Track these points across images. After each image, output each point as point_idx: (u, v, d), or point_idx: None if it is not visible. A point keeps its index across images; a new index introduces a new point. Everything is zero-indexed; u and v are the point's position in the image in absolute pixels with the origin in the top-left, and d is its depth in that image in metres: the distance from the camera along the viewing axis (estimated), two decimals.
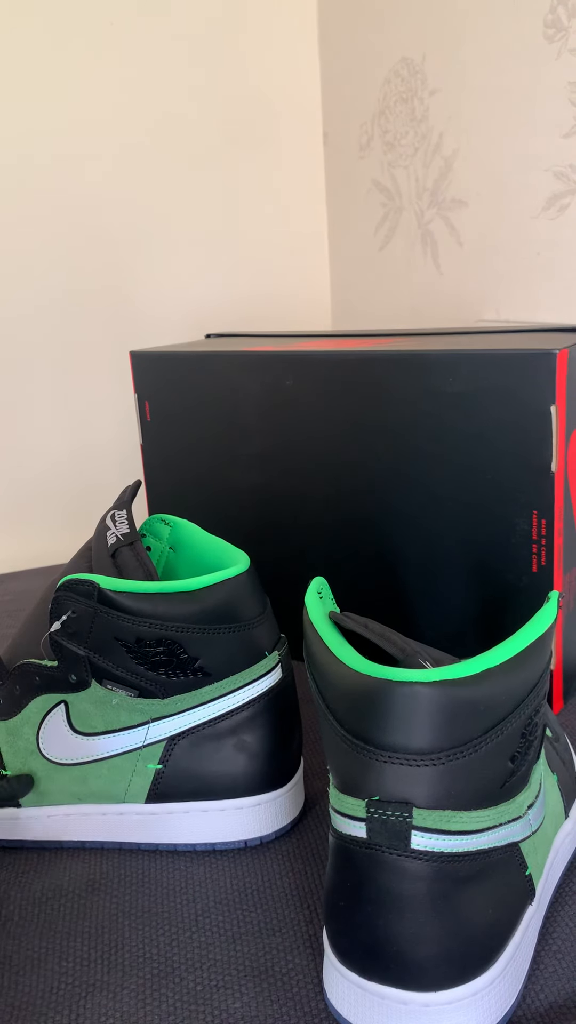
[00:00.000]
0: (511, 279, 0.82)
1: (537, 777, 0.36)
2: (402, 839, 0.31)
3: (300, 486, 0.61)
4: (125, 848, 0.45)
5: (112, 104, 0.95)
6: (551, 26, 0.72)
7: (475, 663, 0.31)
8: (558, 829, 0.40)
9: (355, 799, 0.32)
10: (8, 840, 0.46)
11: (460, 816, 0.31)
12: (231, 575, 0.43)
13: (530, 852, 0.35)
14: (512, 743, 0.32)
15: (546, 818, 0.38)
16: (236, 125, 1.02)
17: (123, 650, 0.42)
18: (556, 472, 0.49)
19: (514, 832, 0.34)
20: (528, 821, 0.35)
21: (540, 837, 0.36)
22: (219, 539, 0.48)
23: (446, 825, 0.31)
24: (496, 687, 0.31)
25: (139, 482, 0.50)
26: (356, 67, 0.99)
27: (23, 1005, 0.36)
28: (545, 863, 0.37)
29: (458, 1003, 0.32)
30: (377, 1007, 0.32)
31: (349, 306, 1.10)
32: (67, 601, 0.42)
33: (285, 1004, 0.35)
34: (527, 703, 0.33)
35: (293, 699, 0.46)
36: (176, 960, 0.38)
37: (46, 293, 0.96)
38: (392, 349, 0.55)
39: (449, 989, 0.32)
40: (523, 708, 0.33)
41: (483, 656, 0.32)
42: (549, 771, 0.39)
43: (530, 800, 0.35)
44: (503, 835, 0.33)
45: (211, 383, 0.64)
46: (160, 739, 0.44)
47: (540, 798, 0.36)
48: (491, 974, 0.32)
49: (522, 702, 0.33)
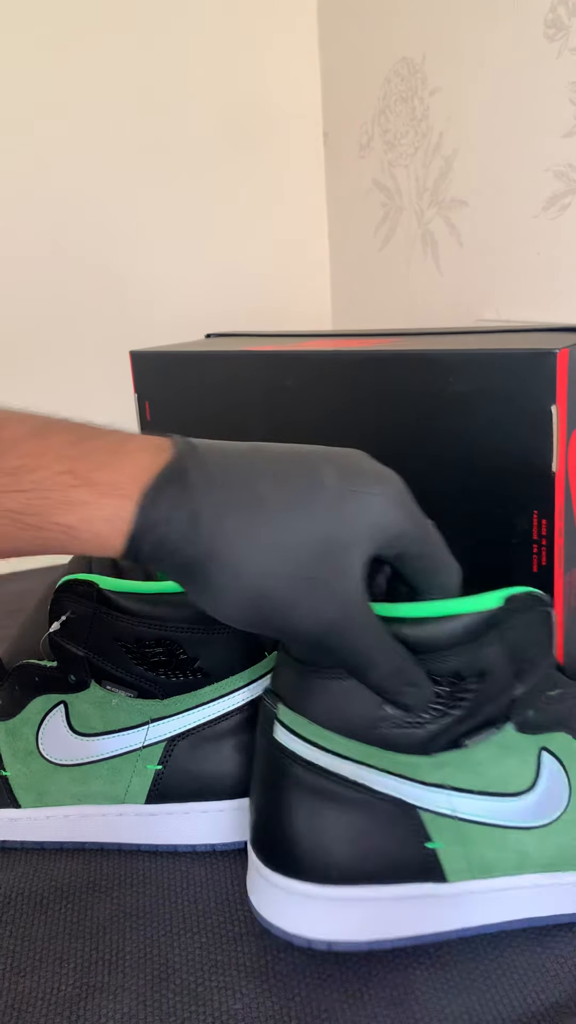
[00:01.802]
0: (511, 279, 0.82)
1: (495, 774, 0.35)
2: (269, 724, 0.36)
3: None
4: (125, 849, 0.45)
5: (111, 103, 0.95)
6: (551, 26, 0.72)
7: (388, 607, 0.34)
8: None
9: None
10: (8, 841, 0.46)
11: (323, 733, 0.35)
12: None
13: (447, 833, 0.35)
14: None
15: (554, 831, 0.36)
16: (236, 125, 1.02)
17: (123, 651, 0.42)
18: (556, 472, 0.49)
19: (404, 791, 0.35)
20: (447, 799, 0.35)
21: (496, 838, 0.36)
22: None
23: (303, 730, 0.35)
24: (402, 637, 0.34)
25: None
26: (356, 67, 0.99)
27: (23, 1006, 0.36)
28: (500, 866, 0.36)
29: (293, 895, 0.36)
30: (255, 882, 0.37)
31: (349, 306, 1.10)
32: (67, 602, 0.42)
33: (285, 1005, 0.35)
34: (433, 660, 0.34)
35: None
36: (177, 961, 0.38)
37: (46, 293, 0.96)
38: (392, 349, 0.55)
39: (290, 878, 0.36)
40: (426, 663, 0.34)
41: (397, 605, 0.34)
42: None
43: (455, 782, 0.35)
44: (381, 782, 0.35)
45: (211, 383, 0.64)
46: (160, 740, 0.44)
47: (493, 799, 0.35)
48: (327, 891, 0.35)
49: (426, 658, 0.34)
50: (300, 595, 0.30)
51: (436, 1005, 0.35)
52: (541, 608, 0.35)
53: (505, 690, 0.35)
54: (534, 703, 0.35)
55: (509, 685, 0.35)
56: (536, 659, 0.35)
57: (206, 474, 0.30)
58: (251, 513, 0.29)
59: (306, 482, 0.30)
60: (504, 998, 0.35)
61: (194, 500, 0.29)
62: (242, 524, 0.29)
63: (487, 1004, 0.34)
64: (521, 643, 0.34)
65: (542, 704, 0.35)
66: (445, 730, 0.35)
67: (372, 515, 0.31)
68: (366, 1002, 0.35)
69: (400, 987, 0.35)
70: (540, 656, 0.35)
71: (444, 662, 0.34)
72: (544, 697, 0.35)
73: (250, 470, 0.30)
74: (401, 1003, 0.35)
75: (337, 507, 0.30)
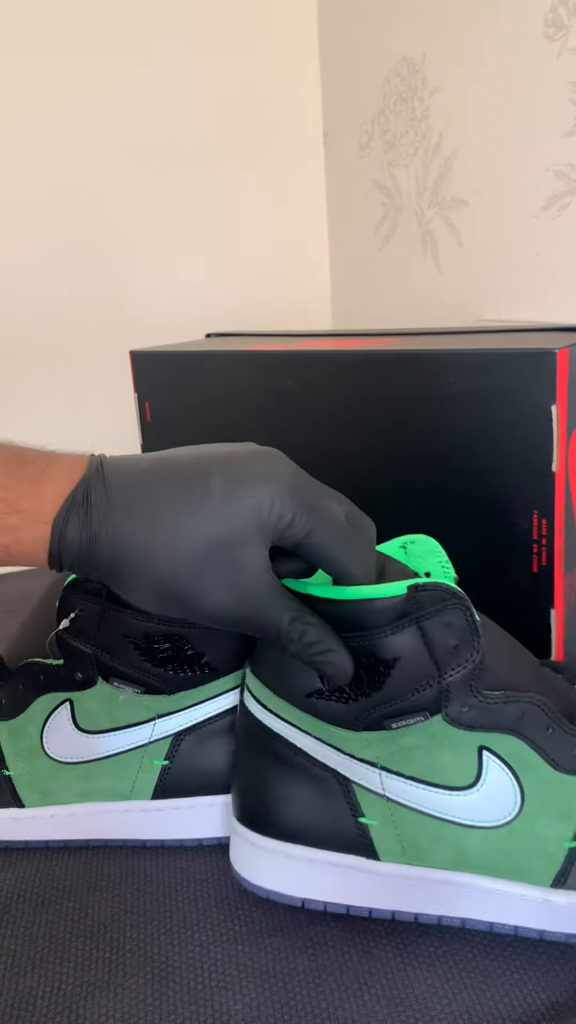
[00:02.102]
0: (511, 279, 0.82)
1: (427, 762, 0.36)
2: (242, 688, 0.41)
3: None
4: (130, 845, 0.45)
5: (112, 103, 0.95)
6: (551, 25, 0.72)
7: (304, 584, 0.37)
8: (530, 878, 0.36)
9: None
10: (12, 841, 0.46)
11: (273, 698, 0.39)
12: None
13: (378, 811, 0.37)
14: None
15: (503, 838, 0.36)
16: (236, 125, 1.02)
17: (131, 647, 0.42)
18: (556, 472, 0.49)
19: (338, 763, 0.37)
20: (379, 778, 0.37)
21: (431, 827, 0.36)
22: None
23: (259, 694, 0.39)
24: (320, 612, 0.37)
25: None
26: (356, 67, 0.99)
27: (24, 1005, 0.36)
28: (434, 857, 0.36)
29: (245, 840, 0.40)
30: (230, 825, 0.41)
31: (349, 306, 1.10)
32: (75, 599, 0.42)
33: (285, 1005, 0.35)
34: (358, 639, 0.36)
35: None
36: (177, 960, 0.38)
37: (46, 293, 0.96)
38: (392, 349, 0.55)
39: (244, 827, 0.40)
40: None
41: (325, 587, 0.37)
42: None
43: (386, 763, 0.36)
44: (319, 751, 0.38)
45: (211, 383, 0.64)
46: (166, 735, 0.44)
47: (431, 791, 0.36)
48: (269, 843, 0.39)
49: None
50: (200, 588, 0.35)
51: (436, 1004, 0.35)
52: (454, 601, 0.35)
53: (426, 679, 0.35)
54: (465, 699, 0.36)
55: (430, 675, 0.35)
56: (457, 652, 0.35)
57: (105, 493, 0.35)
58: (146, 525, 0.35)
59: (195, 493, 0.35)
60: (504, 997, 0.35)
61: (92, 522, 0.35)
62: (139, 534, 0.35)
63: (487, 1003, 0.35)
64: (438, 635, 0.35)
65: (478, 701, 0.36)
66: (367, 709, 0.37)
67: (258, 513, 0.35)
68: (366, 1001, 0.35)
69: (400, 986, 0.36)
70: (463, 650, 0.35)
71: (356, 642, 0.36)
72: (481, 695, 0.36)
73: (147, 486, 0.36)
74: (401, 1002, 0.35)
75: (223, 511, 0.35)
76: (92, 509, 0.35)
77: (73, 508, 0.35)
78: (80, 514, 0.35)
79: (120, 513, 0.35)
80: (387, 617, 0.35)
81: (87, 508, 0.35)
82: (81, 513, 0.35)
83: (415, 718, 0.36)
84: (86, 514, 0.35)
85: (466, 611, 0.35)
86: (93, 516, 0.35)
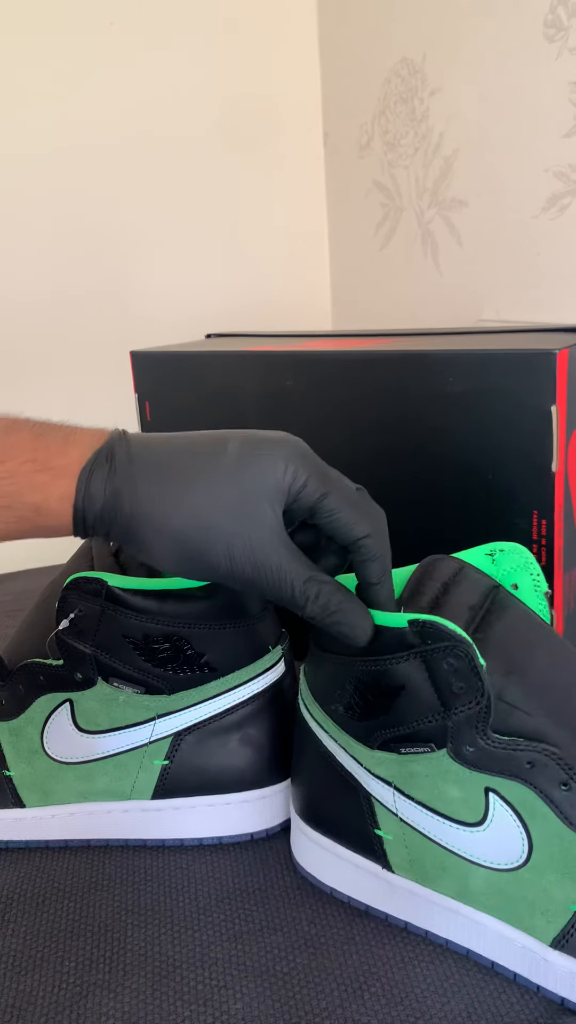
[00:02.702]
0: (511, 279, 0.82)
1: (434, 792, 0.36)
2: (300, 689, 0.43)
3: None
4: (131, 845, 0.46)
5: (112, 104, 0.95)
6: (551, 26, 0.72)
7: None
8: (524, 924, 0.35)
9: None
10: (12, 841, 0.46)
11: (313, 702, 0.40)
12: None
13: (392, 827, 0.37)
14: (340, 680, 0.38)
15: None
16: (236, 125, 1.02)
17: (131, 647, 0.42)
18: (556, 472, 0.49)
19: (359, 774, 0.38)
20: (392, 797, 0.37)
21: (437, 854, 0.36)
22: None
23: (304, 695, 0.42)
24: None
25: None
26: (356, 67, 0.99)
27: (25, 1005, 0.36)
28: (440, 883, 0.37)
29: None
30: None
31: (349, 306, 1.10)
32: (75, 600, 0.42)
33: (285, 1003, 0.35)
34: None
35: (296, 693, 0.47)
36: (177, 959, 0.38)
37: (46, 293, 0.96)
38: (392, 349, 0.55)
39: (297, 814, 0.43)
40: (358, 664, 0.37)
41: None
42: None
43: (399, 784, 0.37)
44: (341, 755, 0.39)
45: (211, 383, 0.64)
46: (166, 735, 0.44)
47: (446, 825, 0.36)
48: (300, 825, 0.42)
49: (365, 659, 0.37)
50: (217, 545, 0.36)
51: (435, 1002, 0.35)
52: (454, 643, 0.34)
53: (431, 712, 0.35)
54: (471, 739, 0.34)
55: (435, 709, 0.35)
56: (461, 693, 0.34)
57: (128, 454, 0.36)
58: (164, 480, 0.36)
59: (212, 451, 0.37)
60: (503, 995, 0.35)
61: (115, 478, 0.36)
62: (156, 490, 0.36)
63: (486, 1002, 0.35)
64: (441, 672, 0.34)
65: (484, 744, 0.34)
66: (377, 729, 0.37)
67: (274, 472, 0.36)
68: (366, 1000, 0.35)
69: (400, 985, 0.36)
70: (468, 692, 0.34)
71: (369, 666, 0.36)
72: (487, 738, 0.34)
73: (165, 447, 0.37)
74: (401, 1001, 0.35)
75: (239, 468, 0.36)
76: (115, 466, 0.36)
77: (97, 464, 0.36)
78: (104, 471, 0.36)
79: (140, 471, 0.36)
80: (393, 646, 0.35)
81: (111, 466, 0.36)
82: (105, 470, 0.36)
83: (422, 748, 0.36)
84: (110, 471, 0.36)
85: (466, 655, 0.34)
86: (116, 472, 0.36)
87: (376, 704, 0.37)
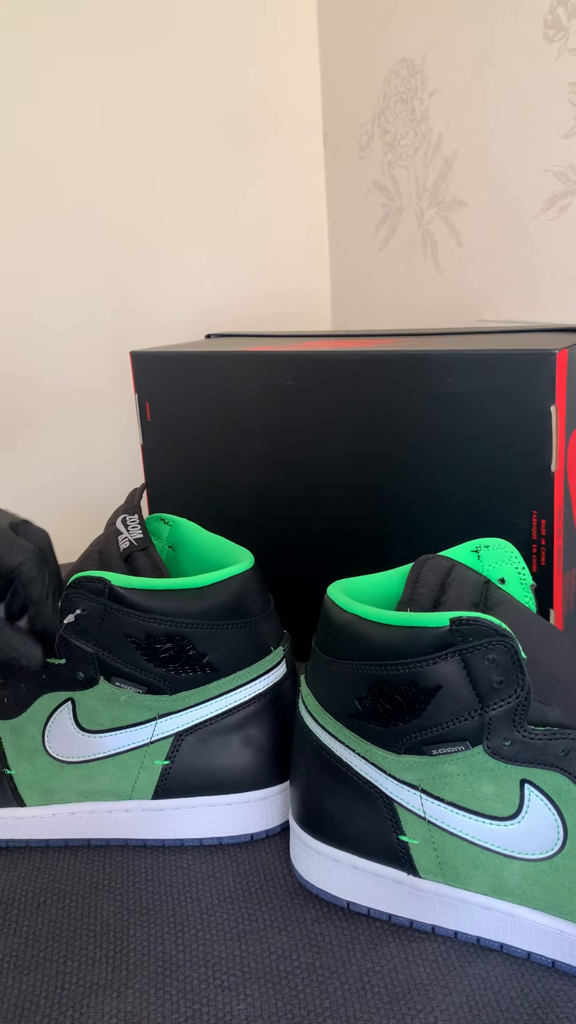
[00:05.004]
0: (511, 279, 0.82)
1: (468, 791, 0.36)
2: (299, 700, 0.42)
3: (300, 486, 0.61)
4: (131, 845, 0.46)
5: (112, 104, 0.95)
6: (551, 26, 0.72)
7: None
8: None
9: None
10: (13, 840, 0.46)
11: (322, 712, 0.40)
12: (239, 571, 0.43)
13: (419, 831, 0.37)
14: (357, 686, 0.37)
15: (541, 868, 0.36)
16: (236, 125, 1.02)
17: (133, 647, 0.42)
18: (556, 472, 0.49)
19: (381, 781, 0.38)
20: (420, 800, 0.37)
21: (470, 853, 0.36)
22: (219, 537, 0.48)
23: (309, 705, 0.41)
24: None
25: (145, 485, 0.51)
26: (356, 67, 0.99)
27: (27, 1004, 0.36)
28: (473, 881, 0.37)
29: (297, 839, 0.42)
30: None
31: (349, 306, 1.10)
32: (77, 598, 0.43)
33: (288, 1003, 0.35)
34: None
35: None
36: (180, 958, 0.38)
37: (46, 293, 0.96)
38: (392, 349, 0.55)
39: (302, 830, 0.42)
40: (368, 667, 0.37)
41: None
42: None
43: (427, 787, 0.37)
44: (362, 768, 0.38)
45: (211, 383, 0.64)
46: (167, 735, 0.44)
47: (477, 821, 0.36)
48: (316, 845, 0.41)
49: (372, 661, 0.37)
50: None
51: (437, 995, 0.35)
52: (498, 638, 0.34)
53: (468, 710, 0.35)
54: (508, 733, 0.35)
55: (472, 707, 0.35)
56: (500, 688, 0.34)
57: None
58: None
59: None
60: (504, 993, 0.35)
61: None
62: None
63: (488, 999, 0.35)
64: (482, 669, 0.35)
65: (520, 736, 0.35)
66: (405, 733, 0.36)
67: None
68: (369, 999, 0.35)
69: (402, 983, 0.36)
70: (507, 686, 0.34)
71: (399, 669, 0.36)
72: (524, 730, 0.35)
73: None
74: (403, 998, 0.35)
75: None
76: None
77: None
78: None
79: None
80: (431, 646, 0.35)
81: None
82: None
83: (455, 747, 0.36)
84: None
85: (510, 649, 0.34)
86: None
87: (407, 708, 0.36)
